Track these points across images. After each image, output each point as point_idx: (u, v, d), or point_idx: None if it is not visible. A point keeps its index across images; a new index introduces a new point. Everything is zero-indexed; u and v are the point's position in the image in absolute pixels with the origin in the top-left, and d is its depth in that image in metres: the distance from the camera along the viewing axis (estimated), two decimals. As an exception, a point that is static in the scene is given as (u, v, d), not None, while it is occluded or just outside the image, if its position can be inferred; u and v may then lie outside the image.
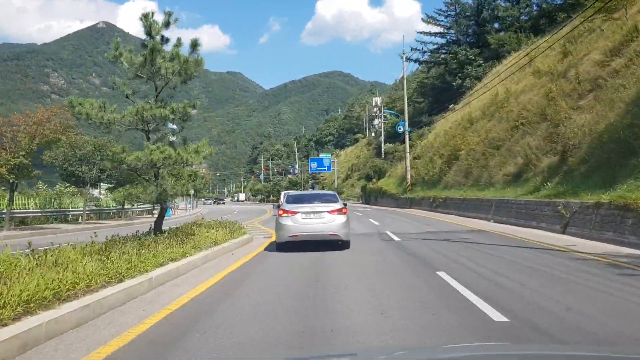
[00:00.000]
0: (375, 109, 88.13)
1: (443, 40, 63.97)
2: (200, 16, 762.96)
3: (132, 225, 23.95)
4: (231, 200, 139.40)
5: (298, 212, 10.89)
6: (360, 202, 63.78)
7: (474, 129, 34.30)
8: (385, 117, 68.81)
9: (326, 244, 11.23)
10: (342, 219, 10.96)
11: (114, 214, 31.34)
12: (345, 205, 11.71)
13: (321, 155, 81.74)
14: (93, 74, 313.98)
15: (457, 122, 39.39)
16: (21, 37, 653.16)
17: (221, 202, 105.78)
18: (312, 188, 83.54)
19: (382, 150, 65.39)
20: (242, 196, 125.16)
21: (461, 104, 43.52)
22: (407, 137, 41.18)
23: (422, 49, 62.11)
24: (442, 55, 62.26)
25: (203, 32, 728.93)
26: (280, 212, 11.22)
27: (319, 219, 10.86)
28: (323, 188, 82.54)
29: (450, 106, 45.92)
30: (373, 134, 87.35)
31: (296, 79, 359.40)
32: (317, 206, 11.12)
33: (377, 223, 20.00)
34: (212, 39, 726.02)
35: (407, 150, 41.02)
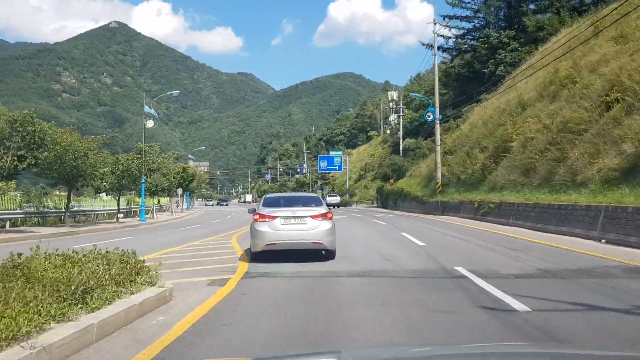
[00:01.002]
0: (391, 104, 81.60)
1: (470, 25, 56.52)
2: (214, 18, 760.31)
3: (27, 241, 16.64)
4: (238, 201, 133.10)
5: (276, 216, 9.49)
6: (376, 205, 56.45)
7: (529, 115, 26.69)
8: (404, 111, 61.38)
9: (311, 254, 9.56)
10: (327, 225, 9.67)
11: (55, 217, 23.96)
12: (330, 209, 10.27)
13: (331, 153, 74.51)
14: (104, 74, 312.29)
15: (501, 109, 31.84)
16: (36, 36, 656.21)
17: (224, 203, 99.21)
18: (322, 189, 76.63)
19: (401, 147, 57.93)
20: (248, 197, 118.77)
21: (502, 88, 35.89)
22: (437, 125, 33.64)
23: (445, 35, 54.85)
24: (469, 42, 55.13)
25: (217, 34, 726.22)
26: (256, 216, 9.74)
27: (301, 225, 9.50)
28: (333, 189, 76.05)
29: (481, 97, 38.52)
30: (388, 131, 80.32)
31: (307, 80, 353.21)
32: (299, 210, 9.73)
33: (419, 242, 12.48)
34: (225, 41, 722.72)
35: (438, 141, 33.46)
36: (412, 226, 19.72)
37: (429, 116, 33.92)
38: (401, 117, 58.83)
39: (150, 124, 29.56)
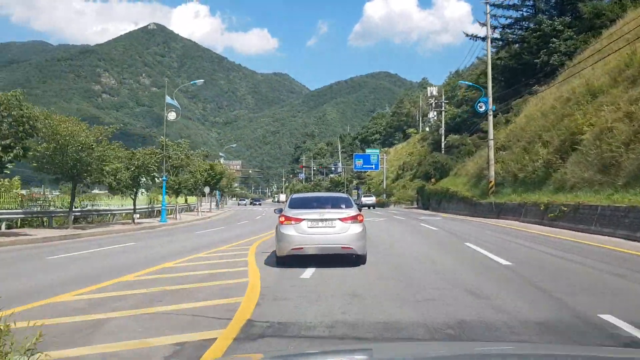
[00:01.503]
0: (431, 101, 77.44)
1: (517, 14, 52.25)
2: (250, 19, 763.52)
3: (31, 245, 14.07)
4: (272, 201, 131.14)
5: (303, 219, 8.83)
6: (416, 206, 52.75)
7: (603, 102, 22.80)
8: (445, 106, 57.34)
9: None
10: (357, 228, 8.94)
11: (65, 217, 21.43)
12: (360, 211, 9.53)
13: (368, 151, 69.82)
14: (143, 74, 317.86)
15: (564, 98, 27.92)
16: (78, 39, 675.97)
17: (257, 202, 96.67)
18: (357, 189, 73.18)
19: (442, 144, 54.03)
20: (282, 197, 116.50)
21: (562, 76, 31.84)
22: (490, 117, 29.87)
23: (491, 25, 50.84)
24: (517, 32, 51.10)
25: (253, 35, 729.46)
26: (282, 218, 8.99)
27: (330, 228, 8.82)
28: (369, 189, 72.76)
29: (533, 89, 34.66)
30: (427, 129, 76.40)
31: (342, 79, 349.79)
32: (327, 212, 9.07)
33: (500, 259, 9.01)
34: (261, 42, 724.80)
35: (491, 135, 29.70)
36: (471, 232, 16.23)
37: (480, 107, 30.17)
38: (443, 112, 54.85)
39: (172, 116, 27.05)
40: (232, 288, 6.77)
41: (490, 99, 30.04)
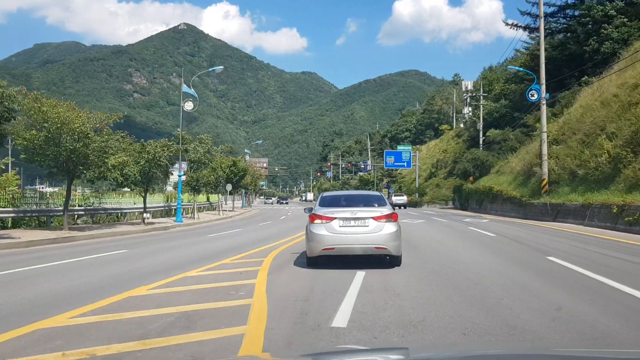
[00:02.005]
0: (465, 95, 73.71)
1: (561, 2, 48.45)
2: (280, 19, 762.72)
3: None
4: (299, 199, 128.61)
5: (335, 217, 8.44)
6: (451, 206, 49.39)
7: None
8: (484, 99, 53.66)
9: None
10: (391, 227, 8.42)
11: (56, 216, 19.04)
12: (395, 210, 9.04)
13: (399, 148, 66.25)
14: (174, 74, 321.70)
15: (630, 85, 24.49)
16: (111, 40, 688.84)
17: (284, 201, 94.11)
18: (387, 188, 70.03)
19: (480, 139, 50.48)
20: (309, 196, 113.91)
21: (621, 64, 28.21)
22: (544, 107, 26.52)
23: (533, 13, 47.22)
24: (561, 20, 47.48)
25: (282, 35, 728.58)
26: (312, 217, 8.67)
27: (362, 227, 8.38)
28: (400, 188, 69.62)
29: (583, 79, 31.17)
30: (462, 125, 72.71)
31: (370, 78, 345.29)
32: (360, 211, 8.55)
33: (629, 289, 6.13)
34: (290, 42, 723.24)
35: (544, 126, 26.35)
36: (540, 240, 13.07)
37: (532, 95, 26.78)
38: (481, 106, 51.35)
39: (189, 106, 24.63)
40: (217, 349, 4.01)
41: (544, 86, 26.69)
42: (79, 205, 20.86)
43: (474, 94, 55.13)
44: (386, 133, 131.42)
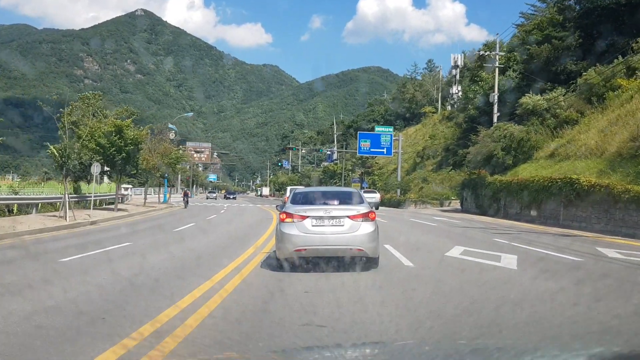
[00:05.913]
0: (454, 72, 65.15)
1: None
2: (245, 12, 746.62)
3: None
4: (255, 194, 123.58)
5: (307, 216, 8.25)
6: (455, 208, 37.42)
7: None
8: (479, 76, 46.68)
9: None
10: (368, 227, 8.24)
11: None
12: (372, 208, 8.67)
13: (377, 130, 54.20)
14: (128, 61, 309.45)
15: None
16: (67, 25, 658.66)
17: (231, 196, 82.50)
18: (361, 182, 57.68)
19: (495, 115, 38.54)
20: (265, 190, 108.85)
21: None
22: None
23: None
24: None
25: (246, 29, 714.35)
26: (283, 215, 8.50)
27: (337, 226, 8.18)
28: (374, 183, 58.16)
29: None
30: (449, 107, 64.87)
31: (333, 73, 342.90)
32: (335, 209, 8.41)
33: None
34: (255, 37, 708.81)
35: None
36: None
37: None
38: (497, 70, 39.23)
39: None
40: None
41: None
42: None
43: (487, 53, 43.11)
44: (351, 124, 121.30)
